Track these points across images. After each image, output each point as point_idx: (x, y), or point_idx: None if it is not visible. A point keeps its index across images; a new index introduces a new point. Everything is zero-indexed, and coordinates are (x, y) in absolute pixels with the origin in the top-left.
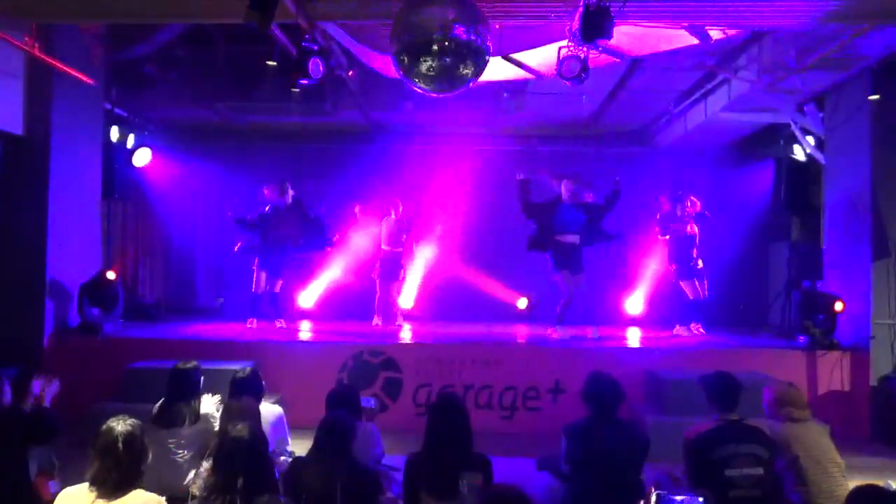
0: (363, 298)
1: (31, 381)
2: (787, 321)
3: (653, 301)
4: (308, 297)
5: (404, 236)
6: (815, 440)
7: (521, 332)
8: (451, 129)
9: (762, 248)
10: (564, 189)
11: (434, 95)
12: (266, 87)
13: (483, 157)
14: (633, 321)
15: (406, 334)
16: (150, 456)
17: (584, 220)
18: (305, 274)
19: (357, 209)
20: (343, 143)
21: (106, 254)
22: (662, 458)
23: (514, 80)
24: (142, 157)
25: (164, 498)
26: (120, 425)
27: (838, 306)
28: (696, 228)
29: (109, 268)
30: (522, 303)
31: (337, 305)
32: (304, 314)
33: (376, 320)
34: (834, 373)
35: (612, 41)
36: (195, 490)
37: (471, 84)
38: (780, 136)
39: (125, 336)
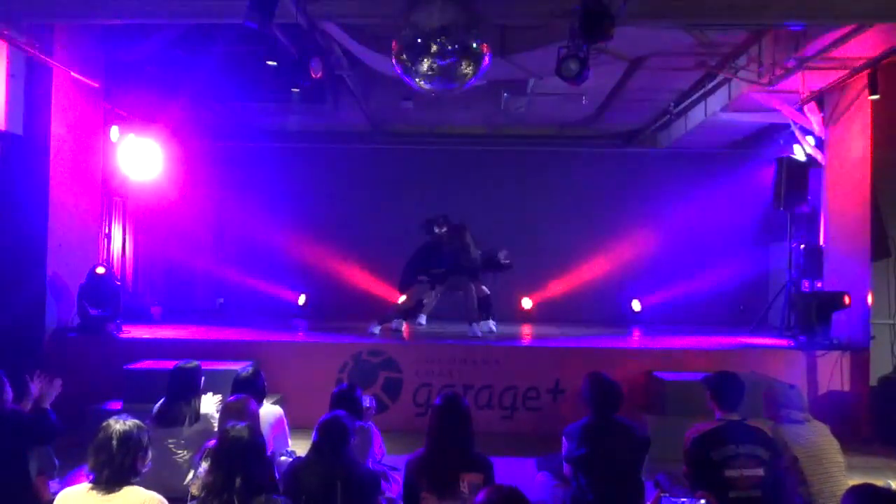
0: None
1: (31, 381)
2: (787, 321)
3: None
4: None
5: None
6: (814, 441)
7: (522, 331)
8: (451, 129)
9: (762, 248)
10: None
11: (434, 95)
12: (266, 88)
13: (483, 157)
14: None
15: (406, 334)
16: (151, 456)
17: None
18: None
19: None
20: (343, 143)
21: (105, 254)
22: (662, 458)
23: (515, 79)
24: (140, 157)
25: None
26: (119, 424)
27: (846, 300)
28: None
29: (108, 267)
30: (527, 303)
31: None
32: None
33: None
34: (834, 373)
35: (612, 41)
36: (195, 490)
37: (471, 83)
38: (780, 136)
39: (125, 336)
